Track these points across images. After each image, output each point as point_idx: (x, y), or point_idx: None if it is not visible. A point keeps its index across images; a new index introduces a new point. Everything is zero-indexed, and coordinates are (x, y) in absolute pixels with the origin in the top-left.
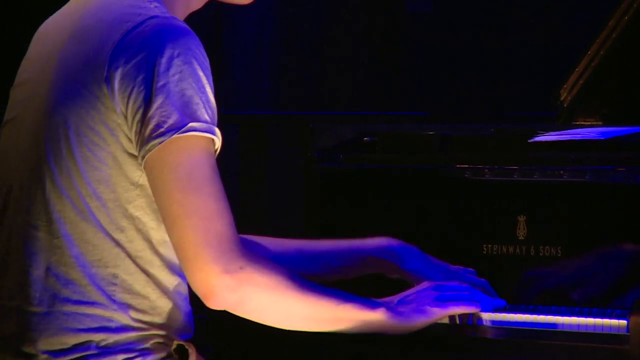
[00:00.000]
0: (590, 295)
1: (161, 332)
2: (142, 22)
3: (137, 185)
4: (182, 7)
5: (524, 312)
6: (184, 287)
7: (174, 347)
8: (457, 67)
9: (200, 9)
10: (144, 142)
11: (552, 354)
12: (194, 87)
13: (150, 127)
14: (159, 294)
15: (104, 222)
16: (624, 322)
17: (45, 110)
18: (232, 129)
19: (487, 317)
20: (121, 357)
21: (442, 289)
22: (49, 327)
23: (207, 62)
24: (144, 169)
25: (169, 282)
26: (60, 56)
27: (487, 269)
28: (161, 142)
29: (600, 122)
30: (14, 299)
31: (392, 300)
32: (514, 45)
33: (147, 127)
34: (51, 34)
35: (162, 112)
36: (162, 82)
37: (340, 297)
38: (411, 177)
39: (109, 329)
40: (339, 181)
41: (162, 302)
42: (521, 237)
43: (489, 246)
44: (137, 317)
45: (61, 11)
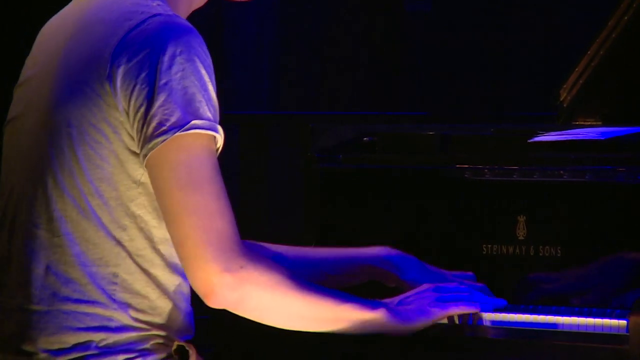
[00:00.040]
0: (590, 295)
1: (161, 333)
2: (144, 20)
3: (139, 183)
4: (184, 5)
5: (524, 312)
6: (185, 288)
7: (174, 347)
8: (457, 67)
9: (202, 7)
10: (146, 141)
11: (552, 354)
12: (196, 85)
13: (152, 125)
14: (158, 293)
15: (106, 220)
16: (623, 322)
17: (47, 108)
18: (232, 129)
19: (487, 317)
20: (121, 357)
21: (442, 290)
22: (48, 325)
23: (209, 60)
24: (146, 166)
25: (170, 282)
26: (63, 54)
27: (487, 269)
28: (164, 141)
29: (600, 122)
30: (15, 298)
31: (393, 301)
32: (514, 45)
33: (149, 125)
34: (54, 33)
35: (164, 110)
36: (164, 80)
37: (340, 297)
38: (411, 177)
39: (109, 329)
40: (339, 181)
41: (162, 302)
42: (521, 237)
43: (489, 246)
44: (137, 317)
45: (64, 10)
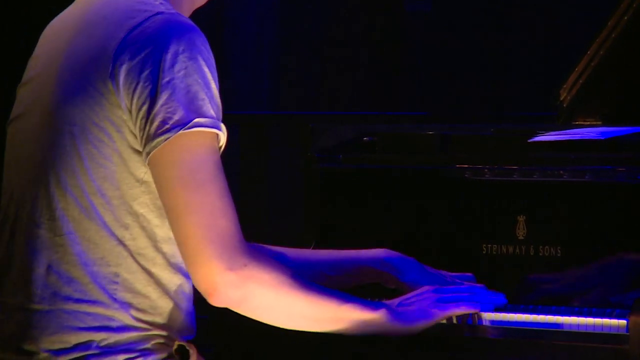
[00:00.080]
0: (590, 295)
1: (162, 333)
2: (147, 19)
3: (141, 182)
4: (187, 3)
5: (523, 312)
6: (187, 287)
7: (175, 347)
8: (457, 67)
9: (203, 6)
10: (149, 139)
11: (552, 354)
12: (199, 83)
13: (155, 123)
14: (159, 293)
15: (108, 219)
16: (623, 322)
17: (50, 107)
18: (232, 129)
19: (486, 317)
20: (122, 357)
21: (443, 291)
22: (49, 325)
23: (212, 58)
24: (149, 165)
25: (172, 281)
26: (65, 54)
27: (487, 269)
28: (167, 139)
29: (600, 122)
30: (16, 297)
31: (393, 302)
32: (514, 45)
33: (152, 124)
34: (57, 32)
35: (167, 108)
36: (167, 78)
37: (341, 297)
38: (411, 177)
39: (110, 329)
40: (339, 181)
41: (163, 302)
42: (521, 237)
43: (489, 246)
44: (138, 317)
45: (67, 11)
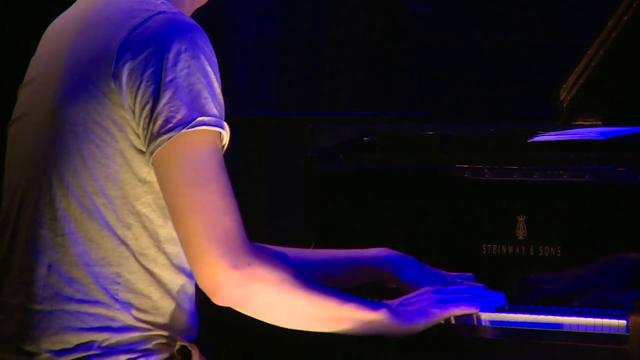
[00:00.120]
0: (590, 295)
1: (164, 333)
2: (149, 18)
3: (144, 181)
4: (188, 3)
5: (523, 312)
6: (189, 288)
7: (177, 348)
8: (457, 67)
9: (204, 6)
10: (152, 138)
11: (552, 354)
12: (202, 82)
13: (159, 122)
14: (161, 293)
15: (110, 219)
16: (623, 322)
17: (52, 107)
18: (232, 129)
19: (486, 318)
20: (124, 357)
21: (443, 291)
22: (51, 325)
23: (214, 57)
24: (152, 164)
25: (174, 281)
26: (67, 54)
27: (487, 268)
28: (170, 138)
29: (600, 122)
30: (16, 297)
31: (393, 302)
32: (514, 45)
33: (155, 123)
34: (59, 33)
35: (170, 107)
36: (170, 77)
37: (343, 297)
38: (411, 177)
39: (111, 329)
40: (339, 181)
41: (164, 302)
42: (521, 237)
43: (489, 246)
44: (140, 317)
45: (68, 11)
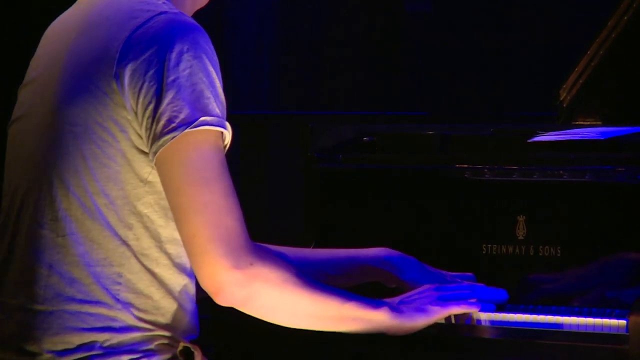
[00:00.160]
0: (590, 295)
1: (166, 333)
2: (151, 18)
3: (146, 182)
4: (189, 4)
5: (523, 312)
6: (191, 288)
7: (179, 349)
8: (457, 67)
9: (205, 7)
10: (155, 138)
11: (552, 354)
12: (204, 82)
13: (161, 122)
14: (162, 293)
15: (112, 219)
16: (623, 322)
17: (53, 107)
18: (233, 129)
19: (486, 317)
20: (125, 357)
21: (444, 289)
22: (52, 326)
23: (215, 57)
24: (155, 164)
25: (175, 281)
26: (68, 54)
27: (487, 269)
28: (173, 138)
29: (600, 122)
30: (16, 297)
31: (394, 300)
32: (514, 45)
33: (158, 123)
34: (59, 34)
35: (173, 107)
36: (172, 77)
37: (344, 295)
38: (411, 177)
39: (113, 329)
40: (339, 181)
41: (166, 302)
42: (521, 237)
43: (489, 246)
44: (141, 317)
45: (68, 12)
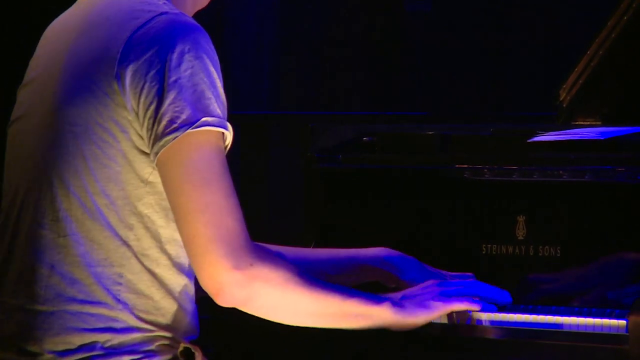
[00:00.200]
0: (590, 295)
1: (166, 334)
2: (152, 19)
3: (146, 182)
4: (190, 4)
5: (523, 312)
6: (191, 288)
7: (180, 349)
8: (457, 67)
9: (205, 7)
10: (157, 139)
11: (552, 354)
12: (205, 82)
13: (163, 123)
14: (163, 294)
15: (112, 220)
16: (623, 322)
17: (53, 108)
18: (233, 129)
19: (486, 317)
20: (126, 358)
21: (447, 285)
22: (53, 326)
23: (216, 57)
24: (156, 165)
25: (176, 282)
26: (68, 54)
27: (487, 269)
28: (175, 138)
29: (599, 122)
30: (16, 298)
31: (396, 295)
32: (514, 45)
33: (160, 124)
34: (59, 34)
35: (174, 107)
36: (174, 78)
37: (346, 292)
38: (411, 177)
39: (114, 330)
40: (339, 181)
41: (166, 303)
42: (520, 237)
43: (489, 246)
44: (142, 318)
45: (68, 12)
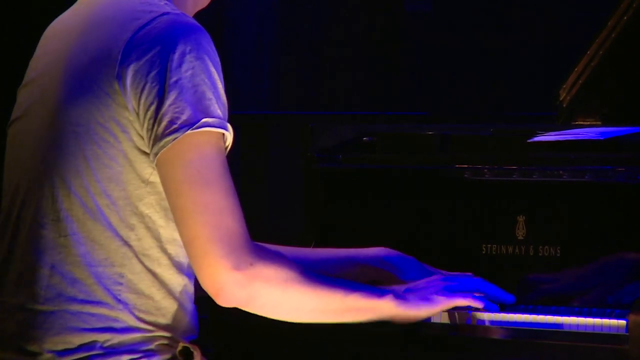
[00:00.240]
0: (590, 295)
1: (166, 334)
2: (153, 19)
3: (147, 182)
4: (190, 4)
5: (523, 312)
6: (190, 288)
7: (179, 349)
8: (457, 67)
9: (206, 7)
10: (157, 139)
11: (552, 354)
12: (206, 83)
13: (163, 124)
14: (163, 294)
15: (113, 220)
16: (623, 322)
17: (54, 108)
18: (233, 129)
19: (487, 317)
20: (126, 357)
21: (451, 280)
22: (53, 325)
23: (217, 58)
24: (156, 165)
25: (175, 282)
26: (70, 54)
27: (487, 269)
28: (175, 139)
29: (599, 122)
30: (17, 297)
31: (400, 288)
32: (514, 45)
33: (160, 124)
34: (59, 34)
35: (175, 108)
36: (175, 78)
37: (348, 287)
38: (411, 177)
39: (113, 329)
40: (339, 181)
41: (166, 303)
42: (520, 237)
43: (489, 246)
44: (142, 318)
45: (69, 12)
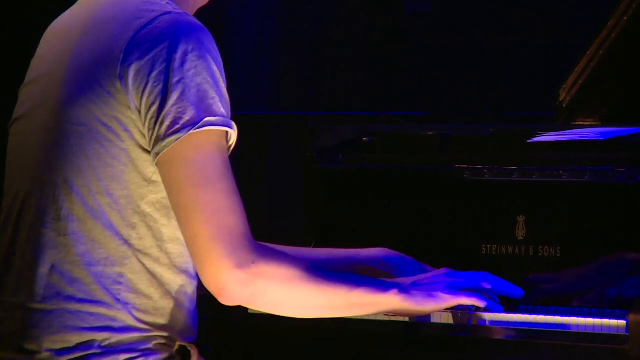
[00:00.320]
0: (590, 295)
1: (164, 334)
2: (155, 18)
3: (150, 181)
4: (191, 2)
5: (523, 312)
6: (190, 288)
7: (176, 348)
8: (457, 67)
9: (205, 5)
10: (159, 139)
11: (552, 354)
12: (209, 82)
13: (166, 124)
14: (162, 294)
15: (114, 219)
16: (623, 322)
17: (56, 107)
18: None
19: (487, 317)
20: (124, 357)
21: (457, 276)
22: (52, 324)
23: (219, 57)
24: (157, 164)
25: (175, 282)
26: (72, 54)
27: (487, 269)
28: (177, 139)
29: (599, 122)
30: (17, 296)
31: (406, 281)
32: (514, 45)
33: (162, 124)
34: (61, 33)
35: (177, 108)
36: (177, 78)
37: (352, 282)
38: (411, 177)
39: (112, 329)
40: (339, 181)
41: (165, 303)
42: (520, 237)
43: (488, 246)
44: (140, 318)
45: (70, 11)
